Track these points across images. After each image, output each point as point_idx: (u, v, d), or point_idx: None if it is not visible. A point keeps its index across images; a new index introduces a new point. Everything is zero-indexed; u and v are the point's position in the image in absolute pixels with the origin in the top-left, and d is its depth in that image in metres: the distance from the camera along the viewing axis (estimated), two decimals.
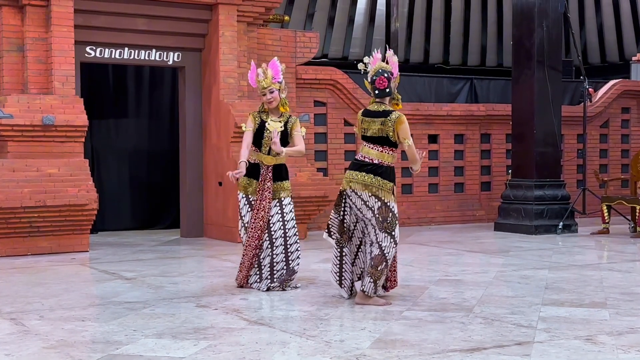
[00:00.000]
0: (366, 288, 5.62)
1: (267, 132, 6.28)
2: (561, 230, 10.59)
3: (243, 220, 6.35)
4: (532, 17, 10.65)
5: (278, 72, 6.39)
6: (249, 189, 6.34)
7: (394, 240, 5.66)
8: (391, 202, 5.68)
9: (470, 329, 4.85)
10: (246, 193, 6.35)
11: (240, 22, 10.23)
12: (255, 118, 6.36)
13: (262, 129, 6.30)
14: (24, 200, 8.33)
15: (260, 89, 6.37)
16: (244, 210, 6.36)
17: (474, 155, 12.62)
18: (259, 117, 6.37)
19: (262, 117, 6.36)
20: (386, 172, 5.72)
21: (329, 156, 11.46)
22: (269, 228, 6.27)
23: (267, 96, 6.33)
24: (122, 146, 11.48)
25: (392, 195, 5.71)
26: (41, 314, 5.42)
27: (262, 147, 6.33)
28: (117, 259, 8.38)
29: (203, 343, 4.52)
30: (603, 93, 13.64)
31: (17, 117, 8.64)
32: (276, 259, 6.26)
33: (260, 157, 6.34)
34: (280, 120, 6.38)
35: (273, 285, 6.23)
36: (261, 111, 6.42)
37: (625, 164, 13.59)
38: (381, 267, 5.60)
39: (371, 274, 5.60)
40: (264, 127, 6.30)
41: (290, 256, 6.31)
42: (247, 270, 6.31)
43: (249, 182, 6.33)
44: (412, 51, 18.51)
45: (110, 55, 9.82)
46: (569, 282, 6.62)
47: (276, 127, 6.29)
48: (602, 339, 4.59)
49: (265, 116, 6.37)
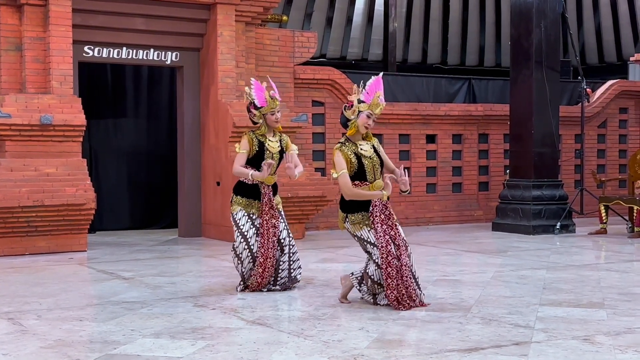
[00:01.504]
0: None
1: (267, 152, 6.26)
2: (559, 230, 10.60)
3: (242, 229, 6.22)
4: (530, 17, 10.66)
5: (276, 90, 6.40)
6: (250, 209, 6.27)
7: (370, 259, 5.59)
8: (358, 232, 5.59)
9: (468, 329, 4.86)
10: (248, 212, 6.27)
11: (238, 22, 10.23)
12: (253, 140, 6.27)
13: (262, 150, 6.26)
14: (21, 199, 8.33)
15: (270, 108, 6.27)
16: (247, 224, 6.23)
17: (472, 155, 12.62)
18: (256, 139, 6.28)
19: (260, 139, 6.29)
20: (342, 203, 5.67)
21: (326, 156, 11.46)
22: (279, 242, 6.27)
23: (277, 115, 6.30)
24: (120, 146, 11.47)
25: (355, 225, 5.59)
26: (39, 313, 5.42)
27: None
28: (115, 259, 8.37)
29: (201, 343, 4.52)
30: (601, 93, 13.65)
31: (15, 116, 8.63)
32: (282, 266, 6.30)
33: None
34: (276, 140, 6.38)
35: (274, 288, 6.28)
36: (255, 131, 6.35)
37: (623, 164, 13.60)
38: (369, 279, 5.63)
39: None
40: (263, 148, 6.26)
41: (292, 265, 6.35)
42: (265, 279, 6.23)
43: (249, 202, 6.27)
44: (410, 51, 18.51)
45: (109, 54, 9.82)
46: (567, 282, 6.63)
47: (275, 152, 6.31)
48: (599, 339, 4.59)
49: (261, 137, 6.30)
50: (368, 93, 5.61)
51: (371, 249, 5.55)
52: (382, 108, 5.67)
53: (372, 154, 5.64)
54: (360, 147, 5.63)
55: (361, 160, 5.59)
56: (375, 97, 5.60)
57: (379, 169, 5.66)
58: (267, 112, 6.29)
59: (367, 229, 5.56)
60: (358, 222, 5.58)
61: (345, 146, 5.61)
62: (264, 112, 6.29)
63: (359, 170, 5.58)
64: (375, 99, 5.60)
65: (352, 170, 5.57)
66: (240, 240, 6.24)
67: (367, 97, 5.61)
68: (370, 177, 5.60)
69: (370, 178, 5.60)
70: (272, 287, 6.28)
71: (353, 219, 5.60)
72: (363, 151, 5.62)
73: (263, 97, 6.28)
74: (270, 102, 6.27)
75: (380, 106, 5.63)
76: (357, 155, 5.59)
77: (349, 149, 5.60)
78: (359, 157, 5.59)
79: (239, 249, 6.25)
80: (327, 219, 11.31)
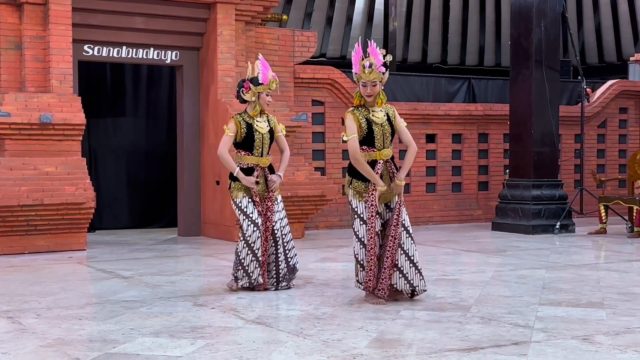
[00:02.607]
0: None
1: (257, 134, 6.24)
2: (558, 230, 10.60)
3: (251, 217, 6.11)
4: (530, 17, 10.65)
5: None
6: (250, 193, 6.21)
7: (354, 236, 5.74)
8: (354, 202, 5.72)
9: (468, 329, 4.85)
10: (250, 196, 6.20)
11: (238, 21, 10.23)
12: (240, 123, 6.25)
13: (251, 132, 6.24)
14: (21, 198, 8.32)
15: (267, 88, 6.28)
16: (250, 208, 6.15)
17: (471, 155, 12.62)
18: (243, 122, 6.26)
19: (247, 120, 6.28)
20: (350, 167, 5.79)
21: (326, 155, 11.47)
22: (272, 228, 6.26)
23: (269, 97, 6.34)
24: (119, 145, 11.47)
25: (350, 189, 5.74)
26: (38, 312, 5.42)
27: (254, 149, 6.26)
28: (115, 258, 8.37)
29: (200, 342, 4.51)
30: (601, 93, 13.65)
31: (14, 115, 8.63)
32: (280, 257, 6.28)
33: (255, 160, 6.26)
34: (264, 120, 6.36)
35: (282, 285, 6.27)
36: (241, 114, 6.35)
37: (623, 164, 13.60)
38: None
39: None
40: (252, 130, 6.24)
41: (288, 254, 6.35)
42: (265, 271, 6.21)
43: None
44: (410, 51, 18.52)
45: (108, 53, 9.81)
46: (566, 282, 6.63)
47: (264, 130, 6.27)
48: (599, 339, 4.59)
49: (249, 119, 6.29)
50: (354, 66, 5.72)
51: (358, 225, 5.65)
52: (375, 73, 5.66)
53: (383, 122, 5.70)
54: (373, 113, 5.69)
55: (371, 126, 5.65)
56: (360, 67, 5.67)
57: (389, 138, 5.72)
58: (264, 92, 6.28)
59: (364, 204, 5.65)
60: (359, 192, 5.67)
61: (357, 110, 5.70)
62: (261, 91, 6.27)
63: (368, 136, 5.65)
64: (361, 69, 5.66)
65: (360, 135, 5.66)
66: (249, 224, 6.09)
67: (356, 68, 5.71)
68: (379, 144, 5.68)
69: (379, 145, 5.68)
70: (280, 286, 6.25)
71: (356, 186, 5.69)
72: (374, 117, 5.68)
73: (267, 75, 6.29)
74: (270, 81, 6.29)
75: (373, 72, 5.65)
76: (368, 121, 5.66)
77: (360, 114, 5.68)
78: (370, 123, 5.65)
79: (251, 238, 6.08)
80: (327, 218, 11.31)
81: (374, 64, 5.64)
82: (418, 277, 5.71)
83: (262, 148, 6.27)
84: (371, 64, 5.63)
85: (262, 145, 6.28)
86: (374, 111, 5.70)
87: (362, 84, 5.68)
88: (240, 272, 6.21)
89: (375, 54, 5.71)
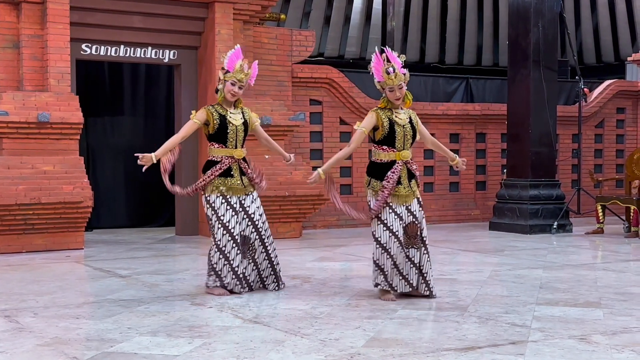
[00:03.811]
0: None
1: (230, 125, 5.98)
2: (556, 229, 10.61)
3: (222, 220, 5.93)
4: (528, 17, 10.67)
5: (254, 77, 6.21)
6: (223, 188, 6.00)
7: (373, 237, 5.82)
8: (372, 201, 5.82)
9: (465, 328, 4.86)
10: (221, 193, 6.00)
11: (236, 20, 10.23)
12: (213, 114, 5.99)
13: (225, 123, 5.98)
14: (18, 197, 8.32)
15: (234, 77, 5.99)
16: (222, 210, 5.95)
17: (469, 155, 12.62)
18: (216, 113, 6.00)
19: (220, 112, 6.02)
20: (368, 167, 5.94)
21: (324, 155, 11.46)
22: (255, 225, 6.05)
23: (236, 89, 6.01)
24: (117, 144, 11.46)
25: (368, 189, 5.86)
26: (35, 311, 5.42)
27: (227, 142, 6.02)
28: (112, 257, 8.37)
29: (198, 341, 4.52)
30: (598, 93, 13.67)
31: (12, 114, 8.62)
32: (260, 259, 6.10)
33: (230, 152, 6.03)
34: (238, 112, 6.10)
35: (271, 287, 6.15)
36: (214, 105, 6.08)
37: (620, 164, 13.62)
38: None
39: None
40: (225, 121, 5.98)
41: (271, 253, 6.15)
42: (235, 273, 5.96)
43: (222, 180, 6.01)
44: (408, 50, 18.50)
45: (106, 52, 9.81)
46: (564, 282, 6.64)
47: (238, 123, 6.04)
48: (596, 338, 4.60)
49: (222, 110, 6.03)
50: (376, 72, 5.83)
51: (375, 225, 5.76)
52: (400, 77, 5.79)
53: (406, 123, 5.86)
54: (396, 115, 5.85)
55: (394, 126, 5.80)
56: (384, 72, 5.77)
57: (410, 140, 5.87)
58: (229, 80, 6.00)
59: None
60: (377, 191, 5.78)
61: (382, 110, 5.86)
62: (226, 79, 6.00)
63: (390, 136, 5.79)
64: (384, 73, 5.77)
65: (382, 134, 5.80)
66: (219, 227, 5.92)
67: (378, 76, 5.83)
68: (399, 144, 5.82)
69: (399, 146, 5.82)
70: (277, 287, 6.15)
71: (374, 186, 5.82)
72: (397, 119, 5.84)
73: (234, 63, 6.01)
74: (237, 70, 6.00)
75: (397, 76, 5.77)
76: (391, 122, 5.81)
77: (384, 114, 5.83)
78: (392, 124, 5.80)
79: (221, 242, 5.90)
80: (325, 218, 11.31)
81: (395, 68, 5.79)
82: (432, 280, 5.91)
83: (235, 140, 6.03)
84: (394, 69, 5.78)
85: (236, 137, 6.03)
86: (397, 113, 5.87)
87: (389, 89, 5.81)
88: (212, 277, 6.00)
89: (394, 59, 5.85)
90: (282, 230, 10.03)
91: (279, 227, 9.98)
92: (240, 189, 6.06)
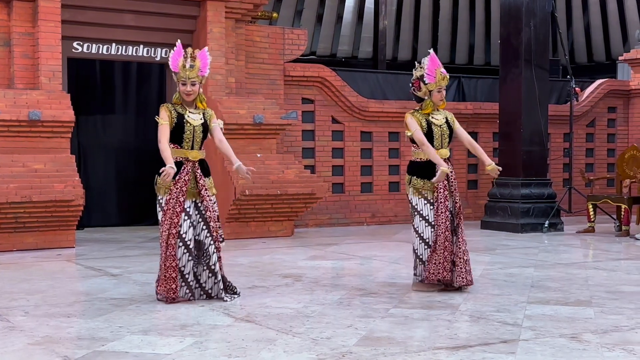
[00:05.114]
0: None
1: (187, 125, 5.67)
2: (547, 228, 10.64)
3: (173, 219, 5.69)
4: (520, 16, 10.69)
5: (206, 66, 5.81)
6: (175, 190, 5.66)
7: (414, 230, 6.15)
8: (414, 199, 6.14)
9: (456, 327, 4.87)
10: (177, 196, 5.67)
11: (228, 19, 10.21)
12: (171, 112, 5.68)
13: (182, 123, 5.67)
14: (9, 195, 8.29)
15: (181, 76, 5.69)
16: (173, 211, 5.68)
17: (461, 153, 12.64)
18: (174, 112, 5.69)
19: (178, 110, 5.70)
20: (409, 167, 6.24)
21: (316, 154, 11.46)
22: (209, 228, 5.72)
23: (187, 88, 5.69)
24: (109, 142, 11.42)
25: (410, 187, 6.16)
26: (26, 310, 5.40)
27: (183, 142, 5.71)
28: (103, 255, 8.35)
29: (189, 340, 4.51)
30: (590, 92, 13.71)
31: (3, 112, 8.59)
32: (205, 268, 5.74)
33: (185, 153, 5.73)
34: (198, 113, 5.78)
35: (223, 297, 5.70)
36: (174, 103, 5.77)
37: (611, 163, 13.66)
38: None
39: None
40: (183, 121, 5.67)
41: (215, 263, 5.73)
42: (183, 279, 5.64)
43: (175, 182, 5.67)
44: (400, 49, 18.54)
45: (98, 50, 9.79)
46: (555, 281, 6.65)
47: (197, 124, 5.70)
48: (587, 337, 4.61)
49: (180, 109, 5.72)
50: (429, 74, 6.06)
51: (418, 221, 6.09)
52: (447, 78, 6.14)
53: (442, 124, 6.13)
54: (432, 116, 6.12)
55: (431, 126, 6.07)
56: (438, 74, 6.06)
57: (447, 140, 6.13)
58: (180, 81, 5.70)
59: (424, 201, 6.08)
60: (418, 189, 6.08)
61: (417, 112, 6.13)
62: (177, 80, 5.71)
63: (427, 136, 6.03)
64: (438, 75, 6.06)
65: None
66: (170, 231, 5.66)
67: (431, 78, 6.07)
68: (437, 143, 6.08)
69: (437, 145, 6.07)
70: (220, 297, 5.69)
71: (415, 184, 6.10)
72: (434, 119, 6.11)
73: (177, 61, 5.72)
74: (181, 69, 5.69)
75: (445, 77, 6.11)
76: (428, 122, 6.08)
77: (421, 115, 6.11)
78: (430, 124, 6.07)
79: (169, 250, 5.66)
80: (317, 216, 11.31)
81: (443, 71, 6.11)
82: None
83: (192, 141, 5.71)
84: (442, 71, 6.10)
85: (193, 138, 5.71)
86: (433, 114, 6.13)
87: (437, 89, 6.10)
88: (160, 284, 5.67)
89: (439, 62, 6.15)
90: (274, 228, 10.02)
91: (270, 226, 9.98)
92: (194, 193, 5.75)
